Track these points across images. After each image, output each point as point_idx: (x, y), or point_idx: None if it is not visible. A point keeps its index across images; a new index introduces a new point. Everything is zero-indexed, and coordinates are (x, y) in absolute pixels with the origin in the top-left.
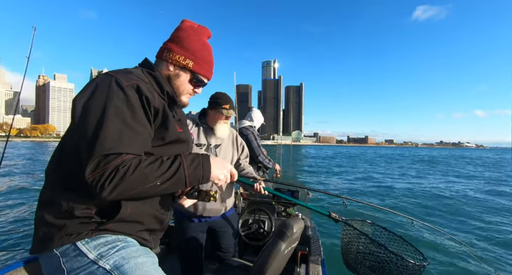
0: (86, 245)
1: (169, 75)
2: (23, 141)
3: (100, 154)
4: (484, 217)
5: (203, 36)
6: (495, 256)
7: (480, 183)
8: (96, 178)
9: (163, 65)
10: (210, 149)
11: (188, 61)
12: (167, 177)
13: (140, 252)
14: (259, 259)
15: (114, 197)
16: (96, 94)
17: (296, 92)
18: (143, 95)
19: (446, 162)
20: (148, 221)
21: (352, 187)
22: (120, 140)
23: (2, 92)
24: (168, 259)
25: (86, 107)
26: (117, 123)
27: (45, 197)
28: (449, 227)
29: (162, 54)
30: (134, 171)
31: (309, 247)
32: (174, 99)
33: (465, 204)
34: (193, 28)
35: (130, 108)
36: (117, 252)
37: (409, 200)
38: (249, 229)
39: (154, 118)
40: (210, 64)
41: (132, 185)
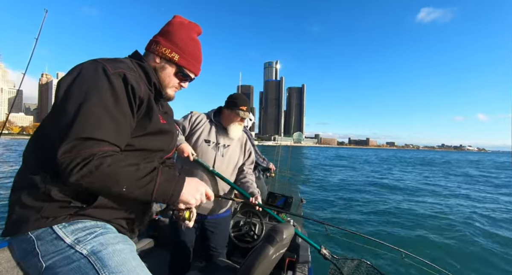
0: (63, 229)
1: (155, 67)
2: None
3: (77, 136)
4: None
5: (192, 32)
6: None
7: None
8: (67, 161)
9: (151, 57)
10: (218, 148)
11: (174, 54)
12: (135, 187)
13: (119, 239)
14: (246, 262)
15: (80, 186)
16: (80, 79)
17: (298, 93)
18: (129, 84)
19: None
20: (127, 209)
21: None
22: (100, 127)
23: (6, 90)
24: (156, 253)
25: (69, 90)
26: (99, 109)
27: (22, 179)
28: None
29: (150, 46)
30: (109, 166)
31: (298, 255)
32: (160, 91)
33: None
34: (182, 23)
35: (114, 97)
36: (95, 238)
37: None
38: (239, 231)
39: (138, 108)
40: (198, 59)
41: (101, 181)
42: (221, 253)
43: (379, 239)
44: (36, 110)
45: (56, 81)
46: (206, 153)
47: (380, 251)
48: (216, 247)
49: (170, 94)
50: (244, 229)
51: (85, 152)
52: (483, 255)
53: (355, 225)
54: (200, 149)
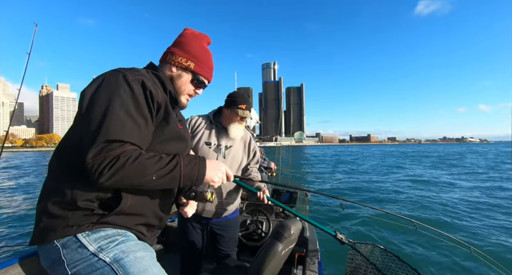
0: (87, 237)
1: (172, 76)
2: (29, 152)
3: (104, 139)
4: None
5: (204, 42)
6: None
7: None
8: (97, 163)
9: (166, 67)
10: (219, 149)
11: (190, 62)
12: (164, 173)
13: (139, 247)
14: (256, 260)
15: (110, 184)
16: (103, 87)
17: (297, 93)
18: (147, 89)
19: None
20: (147, 215)
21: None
22: (123, 129)
23: (7, 103)
24: (166, 258)
25: (93, 98)
26: (121, 113)
27: (48, 188)
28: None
29: (165, 57)
30: (134, 161)
31: (307, 249)
32: (175, 99)
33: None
34: (194, 34)
35: (134, 101)
36: (117, 245)
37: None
38: (247, 230)
39: (156, 113)
40: (210, 67)
41: (130, 175)
42: (231, 255)
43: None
44: (37, 122)
45: (56, 92)
46: (207, 155)
47: (393, 223)
48: (225, 250)
49: (183, 102)
50: (251, 227)
51: (112, 154)
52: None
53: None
54: (201, 152)
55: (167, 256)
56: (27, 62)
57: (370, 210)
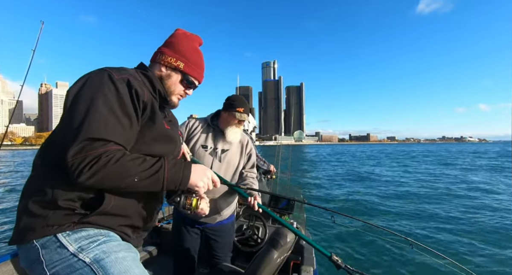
0: (67, 237)
1: (161, 75)
2: (29, 150)
3: (85, 137)
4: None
5: (195, 42)
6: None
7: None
8: (77, 162)
9: (156, 67)
10: (215, 153)
11: (179, 62)
12: (146, 176)
13: (122, 247)
14: (250, 266)
15: (90, 184)
16: (87, 85)
17: (297, 92)
18: (133, 88)
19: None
20: (131, 217)
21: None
22: (106, 128)
23: (6, 101)
24: (159, 260)
25: (77, 96)
26: (104, 111)
27: (30, 187)
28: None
29: (155, 57)
30: (116, 162)
31: (302, 257)
32: (165, 99)
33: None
34: (185, 35)
35: (119, 100)
36: (98, 246)
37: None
38: (242, 235)
39: (142, 112)
40: (201, 67)
41: (111, 176)
42: (225, 260)
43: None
44: (36, 120)
45: (55, 90)
46: (203, 159)
47: (388, 239)
48: (220, 255)
49: (174, 101)
50: (247, 233)
51: (94, 153)
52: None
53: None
54: (197, 155)
55: (161, 258)
56: (31, 60)
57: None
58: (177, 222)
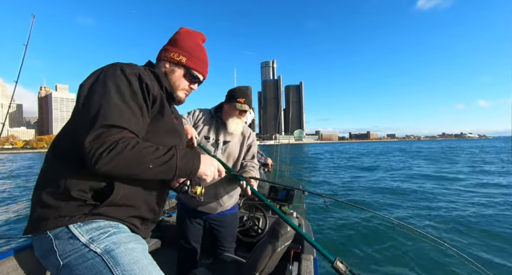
0: (79, 229)
1: (166, 71)
2: (30, 153)
3: (102, 124)
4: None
5: (197, 38)
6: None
7: None
8: (95, 147)
9: (161, 63)
10: (217, 144)
11: (182, 57)
12: (160, 162)
13: (131, 238)
14: (252, 256)
15: (107, 170)
16: (101, 78)
17: (296, 91)
18: (144, 82)
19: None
20: (140, 207)
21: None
22: (121, 116)
23: (5, 105)
24: (162, 252)
25: (91, 88)
26: (119, 102)
27: (43, 178)
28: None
29: (160, 54)
30: (132, 148)
31: (302, 246)
32: (171, 95)
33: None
34: (188, 31)
35: (131, 91)
36: (109, 237)
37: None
38: (243, 226)
39: (152, 105)
40: (204, 62)
41: (128, 161)
42: (228, 251)
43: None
44: (36, 123)
45: (55, 93)
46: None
47: (375, 221)
48: (223, 245)
49: (181, 97)
50: (248, 224)
51: (112, 138)
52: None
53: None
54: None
55: (163, 250)
56: (24, 54)
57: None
58: (181, 213)
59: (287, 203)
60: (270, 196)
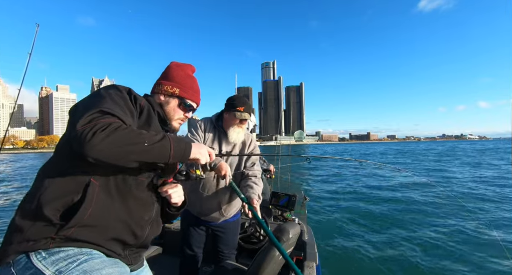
0: (43, 261)
1: (161, 103)
2: (31, 153)
3: (97, 110)
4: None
5: (187, 70)
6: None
7: None
8: (88, 128)
9: (156, 96)
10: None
11: (175, 89)
12: (154, 141)
13: (106, 264)
14: (253, 263)
15: (104, 149)
16: (97, 91)
17: (296, 92)
18: (132, 94)
19: None
20: (117, 229)
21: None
22: (113, 110)
23: (7, 105)
24: (164, 260)
25: (83, 100)
26: (110, 102)
27: (24, 199)
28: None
29: (154, 89)
30: (125, 129)
31: (305, 253)
32: (164, 120)
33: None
34: (177, 65)
35: (122, 98)
36: (78, 266)
37: None
38: (245, 232)
39: (139, 114)
40: (196, 91)
41: (123, 138)
42: (230, 257)
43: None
44: (37, 123)
45: (56, 93)
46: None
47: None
48: (224, 251)
49: (175, 126)
50: (249, 230)
51: (104, 121)
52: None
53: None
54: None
55: (164, 257)
56: (28, 62)
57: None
58: (184, 219)
59: (289, 209)
60: (272, 202)
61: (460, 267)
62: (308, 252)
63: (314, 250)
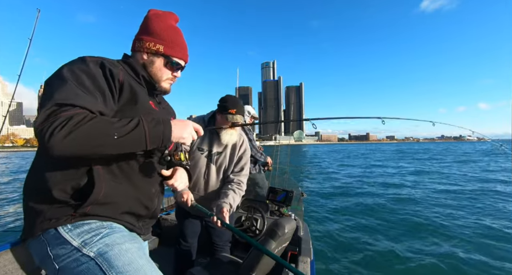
0: (70, 233)
1: (144, 63)
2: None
3: (53, 103)
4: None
5: (170, 20)
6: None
7: None
8: (46, 126)
9: (138, 55)
10: (211, 156)
11: (158, 45)
12: (125, 131)
13: (126, 239)
14: (249, 257)
15: (65, 148)
16: (59, 68)
17: (296, 92)
18: (106, 67)
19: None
20: (129, 204)
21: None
22: (76, 96)
23: (6, 103)
24: (160, 250)
25: (49, 78)
26: (73, 85)
27: (27, 181)
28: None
29: (134, 46)
30: (90, 120)
31: (300, 248)
32: (152, 84)
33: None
34: (157, 14)
35: (90, 76)
36: (101, 239)
37: None
38: (241, 226)
39: (119, 93)
40: (183, 46)
41: (87, 134)
42: (224, 248)
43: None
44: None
45: None
46: (198, 162)
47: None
48: (218, 243)
49: (165, 87)
50: (246, 224)
51: (65, 114)
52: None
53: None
54: (192, 157)
55: (161, 248)
56: (28, 48)
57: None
58: (179, 211)
59: (286, 204)
60: (269, 197)
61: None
62: (303, 248)
63: (309, 245)
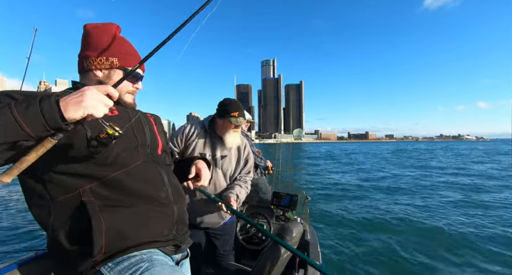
0: (111, 272)
1: (100, 81)
2: None
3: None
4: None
5: (112, 30)
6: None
7: None
8: None
9: (90, 75)
10: (215, 161)
11: (112, 59)
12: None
13: (165, 272)
14: (258, 264)
15: None
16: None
17: (296, 90)
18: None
19: None
20: (144, 221)
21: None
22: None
23: None
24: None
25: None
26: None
27: (48, 242)
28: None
29: (82, 66)
30: None
31: (308, 252)
32: (116, 102)
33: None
34: (97, 27)
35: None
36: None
37: None
38: (247, 233)
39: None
40: (135, 54)
41: None
42: (228, 257)
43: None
44: None
45: (55, 88)
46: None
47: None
48: (221, 252)
49: (129, 102)
50: (252, 231)
51: None
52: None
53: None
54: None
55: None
56: (27, 67)
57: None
58: None
59: (291, 209)
60: (273, 203)
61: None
62: (311, 252)
63: (317, 249)
